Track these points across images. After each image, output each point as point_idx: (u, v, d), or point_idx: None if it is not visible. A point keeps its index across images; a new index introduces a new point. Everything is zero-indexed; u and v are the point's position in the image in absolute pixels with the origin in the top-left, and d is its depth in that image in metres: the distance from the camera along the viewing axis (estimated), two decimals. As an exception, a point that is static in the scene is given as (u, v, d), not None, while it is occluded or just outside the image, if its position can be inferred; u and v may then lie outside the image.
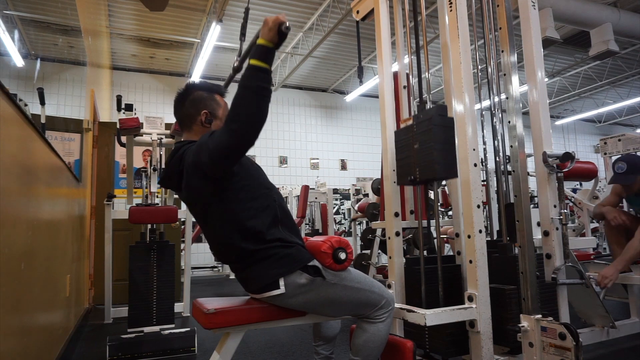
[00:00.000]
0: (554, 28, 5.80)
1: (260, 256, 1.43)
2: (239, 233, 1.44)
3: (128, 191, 3.66)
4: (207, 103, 1.60)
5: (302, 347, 2.76)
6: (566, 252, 1.93)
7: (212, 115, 1.59)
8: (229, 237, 1.45)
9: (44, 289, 1.95)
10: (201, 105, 1.59)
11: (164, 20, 7.45)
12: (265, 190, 1.52)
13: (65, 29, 3.60)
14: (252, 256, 1.44)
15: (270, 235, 1.44)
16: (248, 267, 1.46)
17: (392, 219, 2.01)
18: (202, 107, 1.58)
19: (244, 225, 1.43)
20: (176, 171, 1.52)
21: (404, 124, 1.87)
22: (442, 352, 1.79)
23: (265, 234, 1.44)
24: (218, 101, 1.63)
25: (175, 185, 1.57)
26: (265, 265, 1.43)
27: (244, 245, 1.43)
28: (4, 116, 1.32)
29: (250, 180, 1.50)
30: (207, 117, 1.58)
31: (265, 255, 1.43)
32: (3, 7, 2.49)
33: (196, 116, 1.58)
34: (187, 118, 1.60)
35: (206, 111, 1.58)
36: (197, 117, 1.58)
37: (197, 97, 1.60)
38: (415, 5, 2.06)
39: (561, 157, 1.92)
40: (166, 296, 3.01)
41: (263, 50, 1.33)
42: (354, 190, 6.71)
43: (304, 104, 10.90)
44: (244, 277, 1.51)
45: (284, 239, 1.46)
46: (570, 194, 4.57)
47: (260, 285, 1.44)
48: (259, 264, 1.43)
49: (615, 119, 13.96)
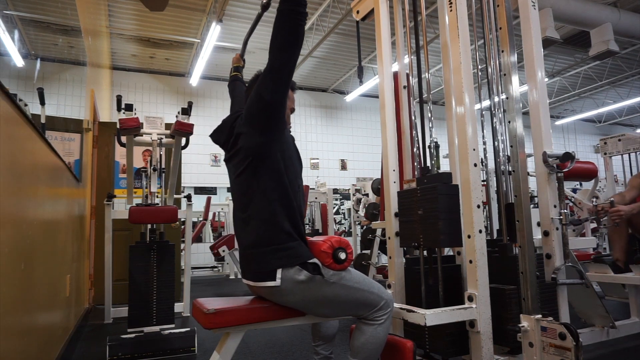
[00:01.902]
0: (554, 28, 5.80)
1: (270, 239, 1.45)
2: (277, 201, 1.47)
3: (128, 191, 3.65)
4: None
5: (302, 347, 2.76)
6: (566, 252, 1.93)
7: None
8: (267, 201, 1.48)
9: (44, 289, 1.95)
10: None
11: (164, 20, 7.45)
12: (300, 180, 1.60)
13: (65, 29, 3.60)
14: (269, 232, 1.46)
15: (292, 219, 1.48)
16: (255, 246, 1.47)
17: (392, 219, 2.01)
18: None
19: (286, 193, 1.49)
20: (228, 128, 1.62)
21: (407, 185, 1.90)
22: (442, 352, 1.79)
23: (291, 216, 1.48)
24: None
25: (223, 141, 1.65)
26: (267, 252, 1.44)
27: (275, 214, 1.46)
28: (4, 116, 1.32)
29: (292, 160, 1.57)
30: None
31: (274, 240, 1.45)
32: (3, 7, 2.49)
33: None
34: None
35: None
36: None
37: None
38: (415, 5, 2.06)
39: (561, 157, 1.91)
40: (166, 296, 3.01)
41: None
42: (354, 190, 6.70)
43: (303, 104, 10.89)
44: (246, 255, 1.52)
45: (299, 229, 1.50)
46: (570, 194, 4.58)
47: (258, 272, 1.45)
48: (264, 247, 1.45)
49: (615, 119, 13.96)
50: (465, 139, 1.76)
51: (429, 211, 1.72)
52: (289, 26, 1.43)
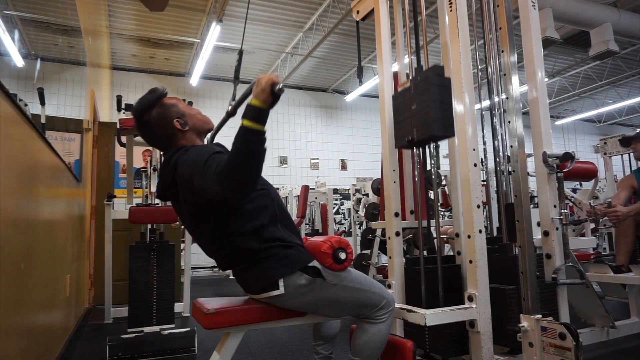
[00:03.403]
0: (554, 28, 5.80)
1: (260, 256, 1.43)
2: (237, 237, 1.42)
3: (128, 191, 3.66)
4: (167, 114, 1.53)
5: (302, 347, 2.76)
6: (566, 252, 1.93)
7: (182, 117, 1.54)
8: (227, 243, 1.44)
9: (44, 289, 1.95)
10: (166, 119, 1.52)
11: (164, 20, 7.45)
12: (263, 190, 1.50)
13: (65, 29, 3.60)
14: (252, 256, 1.43)
15: (270, 234, 1.44)
16: (248, 268, 1.45)
17: (392, 219, 2.01)
18: (169, 120, 1.52)
19: (241, 228, 1.42)
20: (170, 181, 1.46)
21: (402, 87, 1.83)
22: (442, 352, 1.79)
23: (264, 233, 1.43)
24: (170, 104, 1.56)
25: (173, 196, 1.50)
26: (265, 266, 1.42)
27: (243, 245, 1.42)
28: (4, 116, 1.32)
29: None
30: (180, 122, 1.53)
31: (265, 255, 1.42)
32: (3, 7, 2.49)
33: (171, 131, 1.53)
34: (166, 139, 1.54)
35: (175, 119, 1.53)
36: (172, 130, 1.53)
37: (155, 116, 1.53)
38: (415, 5, 2.06)
39: (561, 157, 1.91)
40: (166, 296, 3.01)
41: (256, 111, 1.27)
42: (354, 190, 6.70)
43: (304, 104, 10.89)
44: (244, 279, 1.50)
45: (284, 238, 1.45)
46: (570, 194, 4.58)
47: (260, 286, 1.44)
48: (259, 264, 1.43)
49: (615, 119, 13.95)
50: (465, 139, 1.76)
51: (422, 103, 1.67)
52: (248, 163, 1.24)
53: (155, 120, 1.53)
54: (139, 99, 1.56)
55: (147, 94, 1.56)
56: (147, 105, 1.53)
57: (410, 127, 1.73)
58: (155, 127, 1.53)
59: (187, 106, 1.60)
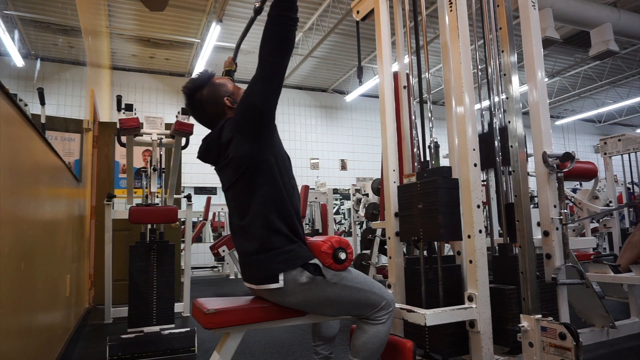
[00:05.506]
0: (554, 28, 5.80)
1: (270, 245, 1.44)
2: (268, 202, 1.46)
3: (128, 191, 3.65)
4: (218, 92, 1.62)
5: (302, 347, 2.76)
6: (566, 252, 1.93)
7: (232, 96, 1.62)
8: (256, 204, 1.47)
9: (44, 289, 1.95)
10: (216, 97, 1.61)
11: (164, 20, 7.45)
12: (293, 181, 1.59)
13: (65, 29, 3.60)
14: (267, 230, 1.45)
15: (290, 217, 1.48)
16: (256, 253, 1.46)
17: (392, 219, 2.01)
18: (219, 98, 1.61)
19: (274, 196, 1.47)
20: (215, 144, 1.56)
21: (407, 180, 1.89)
22: (442, 352, 1.79)
23: (286, 214, 1.47)
24: (221, 83, 1.65)
25: (213, 159, 1.60)
26: (268, 257, 1.43)
27: (273, 219, 1.45)
28: (4, 116, 1.32)
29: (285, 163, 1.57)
30: (230, 100, 1.61)
31: (274, 245, 1.44)
32: (3, 7, 2.49)
33: (221, 108, 1.61)
34: (216, 116, 1.63)
35: (225, 97, 1.61)
36: (222, 108, 1.61)
37: (206, 95, 1.61)
38: (415, 5, 2.06)
39: (561, 157, 1.91)
40: (166, 296, 3.01)
41: None
42: (354, 190, 6.70)
43: (304, 104, 10.89)
44: (247, 263, 1.51)
45: (297, 230, 1.49)
46: (570, 194, 4.58)
47: (260, 276, 1.45)
48: (265, 253, 1.44)
49: (615, 119, 13.96)
50: (465, 139, 1.76)
51: (429, 205, 1.71)
52: (280, 32, 1.43)
53: (206, 98, 1.61)
54: (190, 79, 1.65)
55: (197, 75, 1.66)
56: (198, 85, 1.62)
57: (417, 226, 1.77)
58: (207, 105, 1.62)
59: (235, 85, 1.68)
